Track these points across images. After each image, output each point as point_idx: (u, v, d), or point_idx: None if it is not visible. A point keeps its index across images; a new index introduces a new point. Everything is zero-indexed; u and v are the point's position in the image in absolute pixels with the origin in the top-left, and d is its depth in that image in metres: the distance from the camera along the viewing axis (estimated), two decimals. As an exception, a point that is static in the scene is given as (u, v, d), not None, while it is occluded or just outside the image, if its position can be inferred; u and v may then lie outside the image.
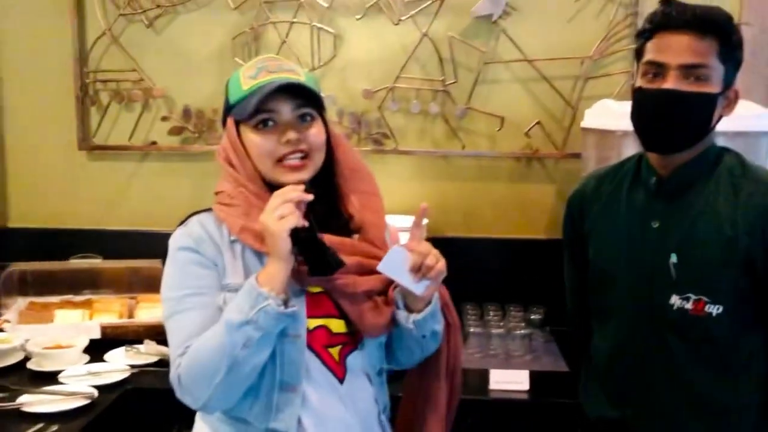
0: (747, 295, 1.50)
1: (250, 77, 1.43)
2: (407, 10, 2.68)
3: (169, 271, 1.46)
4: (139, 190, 2.87)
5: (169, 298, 1.44)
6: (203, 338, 1.36)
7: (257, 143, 1.42)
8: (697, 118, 1.49)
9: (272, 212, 1.34)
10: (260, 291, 1.33)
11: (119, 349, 2.35)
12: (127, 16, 2.77)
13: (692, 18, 1.46)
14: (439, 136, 2.77)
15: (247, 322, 1.32)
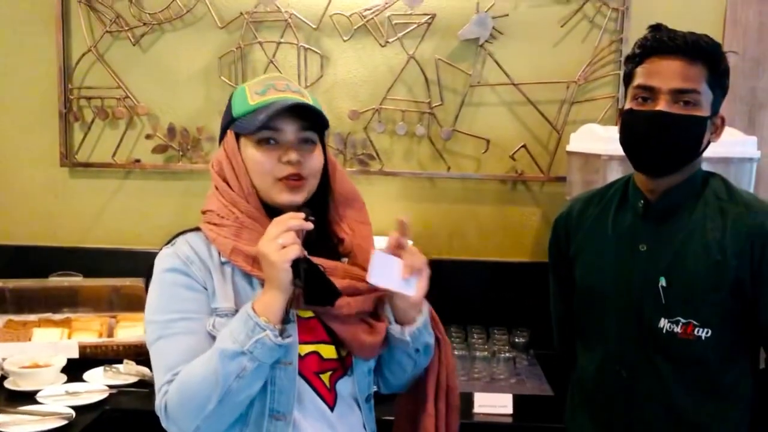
0: (736, 318, 1.51)
1: (257, 93, 1.42)
2: (394, 32, 2.69)
3: (154, 293, 1.40)
4: (121, 208, 2.84)
5: (155, 321, 1.38)
6: (193, 366, 1.31)
7: (258, 159, 1.40)
8: (687, 141, 1.51)
9: (272, 241, 1.30)
10: (257, 321, 1.29)
11: (98, 369, 2.31)
12: (113, 33, 2.76)
13: (683, 44, 1.48)
14: (425, 157, 2.77)
15: (243, 353, 1.28)
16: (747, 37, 2.69)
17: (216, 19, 2.71)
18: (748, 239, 1.48)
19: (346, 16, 2.69)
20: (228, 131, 1.44)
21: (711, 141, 1.55)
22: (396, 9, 2.68)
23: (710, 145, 1.58)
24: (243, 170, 1.42)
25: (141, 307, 2.52)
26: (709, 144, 1.55)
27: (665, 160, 1.52)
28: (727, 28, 2.67)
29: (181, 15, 2.73)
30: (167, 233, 2.70)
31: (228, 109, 1.46)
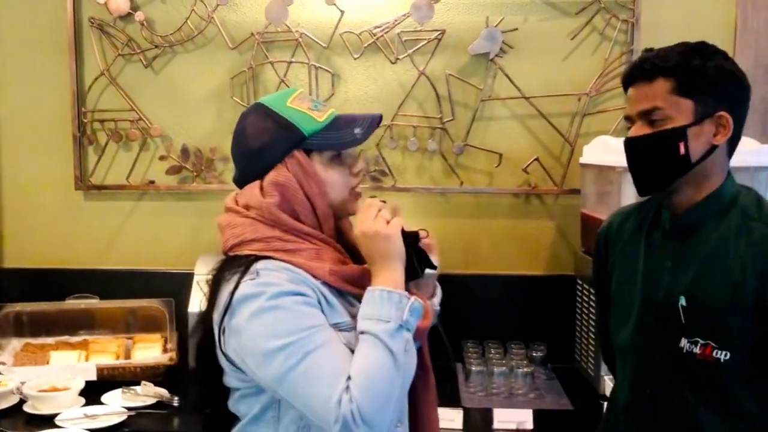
0: (756, 342, 1.46)
1: (311, 109, 1.45)
2: (405, 48, 2.70)
3: (274, 319, 1.31)
4: (136, 230, 2.85)
5: (291, 343, 1.29)
6: (361, 363, 1.29)
7: (339, 174, 1.45)
8: (658, 157, 1.50)
9: (376, 219, 1.38)
10: (399, 293, 1.34)
11: (116, 391, 2.31)
12: (125, 57, 2.78)
13: (640, 70, 1.52)
14: (437, 173, 2.77)
15: (401, 326, 1.32)
16: (758, 45, 2.68)
17: (227, 39, 2.73)
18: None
19: (356, 34, 2.70)
20: (296, 152, 1.41)
21: (715, 143, 1.50)
22: (406, 26, 2.69)
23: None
24: (323, 189, 1.43)
25: (157, 328, 2.61)
26: (713, 148, 1.50)
27: (648, 180, 1.54)
28: (738, 36, 2.66)
29: (193, 37, 2.75)
30: (182, 254, 2.78)
31: (287, 129, 1.41)
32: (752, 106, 2.62)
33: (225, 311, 1.34)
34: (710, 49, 1.52)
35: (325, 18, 2.71)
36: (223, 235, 1.45)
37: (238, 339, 1.33)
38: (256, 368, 1.32)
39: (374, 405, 1.27)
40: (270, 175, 1.42)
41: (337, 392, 1.27)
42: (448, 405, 2.19)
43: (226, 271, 1.38)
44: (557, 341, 2.62)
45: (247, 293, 1.33)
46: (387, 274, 1.36)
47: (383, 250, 1.36)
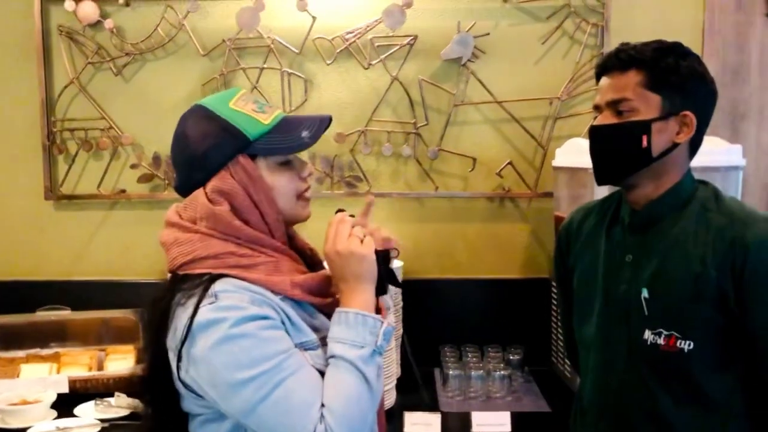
0: (719, 331, 1.49)
1: (255, 111, 1.36)
2: (377, 54, 2.70)
3: (239, 348, 1.23)
4: (108, 240, 2.82)
5: (262, 372, 1.22)
6: (335, 390, 1.26)
7: (287, 179, 1.37)
8: (621, 147, 1.53)
9: (351, 237, 1.33)
10: (373, 317, 1.32)
11: (89, 403, 2.27)
12: (95, 65, 2.75)
13: (615, 59, 1.54)
14: (412, 178, 2.77)
15: (375, 350, 1.30)
16: (725, 48, 2.72)
17: (198, 46, 2.71)
18: (730, 252, 1.46)
19: (328, 39, 2.69)
20: (240, 157, 1.33)
21: (678, 141, 1.53)
22: (378, 31, 2.69)
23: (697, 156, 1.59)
24: (270, 195, 1.35)
25: (131, 339, 2.57)
26: (675, 146, 1.52)
27: (608, 169, 1.57)
28: (706, 39, 2.70)
29: (163, 44, 2.72)
30: (155, 263, 2.74)
31: (229, 133, 1.33)
32: (721, 108, 2.71)
33: (184, 339, 1.25)
34: (685, 50, 1.55)
35: (297, 24, 2.70)
36: (169, 254, 1.34)
37: (199, 369, 1.25)
38: (220, 400, 1.25)
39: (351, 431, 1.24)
40: (213, 182, 1.33)
41: (312, 422, 1.22)
42: (426, 410, 2.19)
43: (179, 293, 1.29)
44: (534, 344, 2.62)
45: (208, 319, 1.24)
46: (360, 296, 1.32)
47: (357, 271, 1.32)
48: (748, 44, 2.72)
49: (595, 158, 1.58)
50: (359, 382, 1.27)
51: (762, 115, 2.74)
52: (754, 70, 2.73)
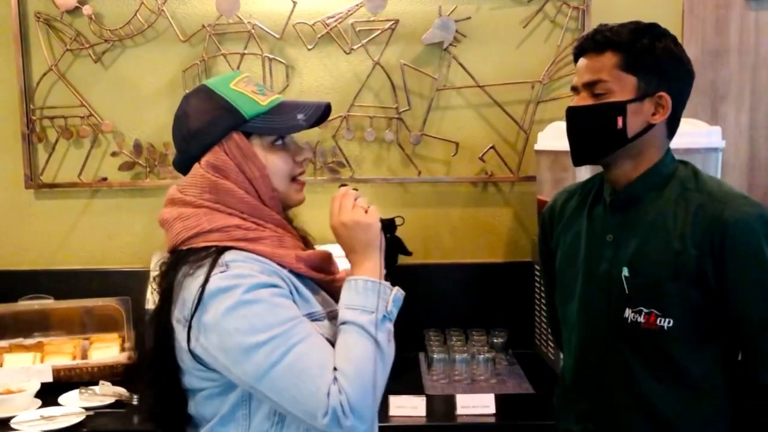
0: (698, 309, 1.51)
1: (255, 92, 1.40)
2: (359, 39, 2.69)
3: (252, 312, 1.25)
4: (90, 228, 2.80)
5: (274, 337, 1.24)
6: (346, 353, 1.28)
7: (281, 160, 1.40)
8: (597, 128, 1.54)
9: (355, 208, 1.37)
10: (382, 284, 1.34)
11: (73, 392, 2.27)
12: (74, 51, 2.72)
13: (591, 41, 1.55)
14: (395, 163, 2.77)
15: (386, 316, 1.32)
16: (705, 31, 2.73)
17: (178, 32, 2.69)
18: (708, 229, 1.48)
19: (309, 24, 2.68)
20: (234, 134, 1.36)
21: (653, 122, 1.54)
22: (359, 16, 2.68)
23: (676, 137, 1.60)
24: (264, 173, 1.37)
25: (114, 327, 2.56)
26: (650, 126, 1.54)
27: (583, 150, 1.59)
28: (686, 22, 2.72)
29: (143, 30, 2.70)
30: (137, 251, 2.74)
31: (227, 111, 1.36)
32: (702, 90, 2.73)
33: (195, 307, 1.27)
34: (661, 30, 1.56)
35: (277, 9, 2.68)
36: (171, 230, 1.36)
37: (210, 336, 1.26)
38: (231, 365, 1.26)
39: (363, 396, 1.25)
40: (206, 156, 1.36)
41: (326, 384, 1.24)
42: (411, 393, 2.20)
43: (186, 266, 1.31)
44: (517, 327, 2.64)
45: (219, 287, 1.26)
46: (368, 263, 1.36)
47: (364, 240, 1.36)
48: (728, 27, 2.74)
49: (571, 139, 1.60)
50: (370, 346, 1.29)
51: (741, 97, 2.76)
52: (733, 53, 2.75)
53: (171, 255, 1.37)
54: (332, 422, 1.23)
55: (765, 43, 2.73)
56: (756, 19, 2.72)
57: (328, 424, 1.23)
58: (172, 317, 1.33)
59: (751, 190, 2.74)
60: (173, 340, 1.33)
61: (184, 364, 1.34)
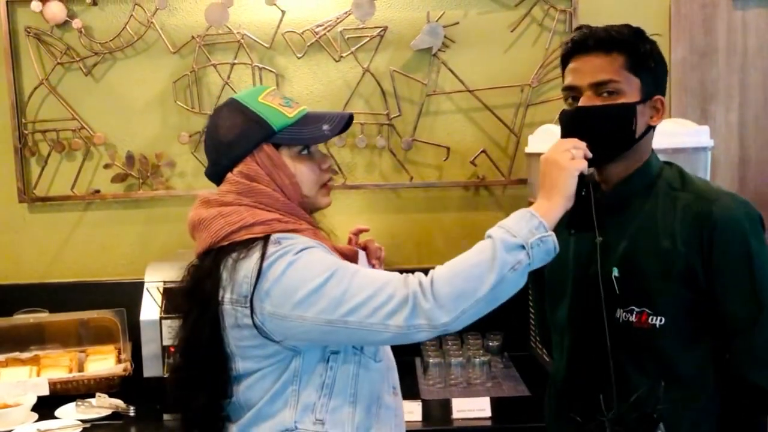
0: (689, 306, 1.52)
1: (282, 105, 1.47)
2: (348, 46, 2.70)
3: (306, 263, 1.35)
4: (84, 240, 2.81)
5: (334, 272, 1.33)
6: (463, 256, 1.33)
7: (308, 169, 1.48)
8: (614, 128, 1.52)
9: (565, 151, 1.39)
10: (541, 221, 1.34)
11: (70, 405, 2.27)
12: (65, 65, 2.73)
13: (595, 39, 1.52)
14: (387, 169, 2.78)
15: (522, 246, 1.31)
16: (693, 32, 2.75)
17: (168, 44, 2.70)
18: (697, 227, 1.50)
19: (298, 33, 2.69)
20: (264, 145, 1.44)
21: (652, 125, 1.56)
22: (348, 23, 2.69)
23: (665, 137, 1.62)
24: (294, 180, 1.45)
25: (110, 339, 2.56)
26: (650, 129, 1.56)
27: (598, 151, 1.52)
28: (673, 23, 2.73)
29: (132, 42, 2.71)
30: (132, 262, 2.74)
31: (257, 124, 1.44)
32: (691, 90, 2.75)
33: (256, 280, 1.34)
34: (648, 34, 1.57)
35: (266, 18, 2.70)
36: (208, 229, 1.42)
37: (274, 298, 1.34)
38: (304, 312, 1.32)
39: (452, 289, 1.29)
40: (239, 167, 1.44)
41: (399, 276, 1.32)
42: (407, 398, 2.20)
43: (236, 253, 1.38)
44: (513, 330, 2.64)
45: (275, 255, 1.35)
46: (545, 202, 1.38)
47: (553, 180, 1.38)
48: (715, 27, 2.75)
49: (582, 139, 1.50)
50: (488, 257, 1.31)
51: (730, 97, 2.77)
52: (721, 52, 2.76)
53: (208, 253, 1.42)
54: (412, 312, 1.29)
55: (752, 41, 2.75)
56: (742, 19, 2.74)
57: (407, 316, 1.29)
58: (222, 306, 1.38)
59: (741, 188, 2.76)
60: (221, 331, 1.39)
61: (240, 349, 1.40)
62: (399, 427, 1.54)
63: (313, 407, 1.40)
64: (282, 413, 1.40)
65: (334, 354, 1.42)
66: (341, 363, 1.42)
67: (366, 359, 1.45)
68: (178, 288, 1.49)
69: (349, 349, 1.43)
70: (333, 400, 1.41)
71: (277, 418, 1.41)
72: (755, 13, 2.74)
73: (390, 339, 1.32)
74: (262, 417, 1.42)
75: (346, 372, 1.42)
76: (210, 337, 1.41)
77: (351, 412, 1.42)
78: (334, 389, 1.41)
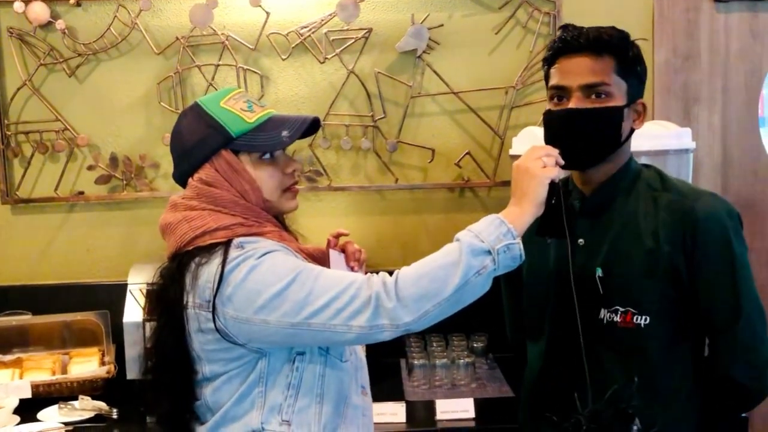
0: (673, 305, 1.54)
1: (244, 110, 1.46)
2: (333, 48, 2.70)
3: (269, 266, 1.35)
4: (67, 242, 2.79)
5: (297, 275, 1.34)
6: (430, 257, 1.35)
7: (269, 174, 1.46)
8: (603, 131, 1.53)
9: (537, 159, 1.40)
10: (510, 228, 1.34)
11: (53, 407, 2.26)
12: (48, 66, 2.72)
13: (587, 40, 1.52)
14: (372, 170, 2.78)
15: (488, 252, 1.32)
16: (676, 35, 2.76)
17: (152, 45, 2.69)
18: (680, 225, 1.52)
19: (283, 35, 2.69)
20: (223, 151, 1.44)
21: (635, 128, 1.59)
22: (332, 25, 2.69)
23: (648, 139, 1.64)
24: (254, 186, 1.45)
25: (94, 341, 2.55)
26: (632, 132, 1.58)
27: (586, 153, 1.54)
28: (656, 26, 2.75)
29: (116, 44, 2.70)
30: (116, 264, 2.73)
31: (215, 130, 1.44)
32: (674, 92, 2.77)
33: (218, 284, 1.35)
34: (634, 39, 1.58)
35: (251, 20, 2.69)
36: (174, 234, 1.43)
37: (237, 303, 1.34)
38: (268, 315, 1.33)
39: (416, 288, 1.31)
40: (199, 173, 1.45)
41: (363, 277, 1.34)
42: (391, 399, 2.21)
43: (198, 257, 1.39)
44: (498, 331, 2.62)
45: (237, 260, 1.35)
46: (515, 208, 1.40)
47: (523, 187, 1.40)
48: (698, 30, 2.77)
49: (571, 142, 1.51)
50: (454, 260, 1.32)
51: (713, 99, 2.79)
52: (704, 55, 2.78)
53: (175, 257, 1.44)
54: (375, 312, 1.30)
55: (734, 44, 2.77)
56: (725, 22, 2.76)
57: (370, 316, 1.30)
58: (186, 311, 1.39)
59: (724, 190, 2.78)
60: (186, 335, 1.40)
61: (205, 352, 1.41)
62: (367, 427, 1.54)
63: (280, 408, 1.40)
64: (249, 415, 1.41)
65: (300, 355, 1.42)
66: (307, 363, 1.42)
67: (332, 359, 1.45)
68: (149, 291, 1.50)
69: (315, 350, 1.43)
70: (299, 400, 1.41)
71: (244, 419, 1.41)
72: (737, 17, 2.77)
73: (353, 339, 1.34)
74: (229, 419, 1.42)
75: (313, 372, 1.43)
76: (175, 341, 1.42)
77: (317, 412, 1.42)
78: (301, 390, 1.42)
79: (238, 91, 1.52)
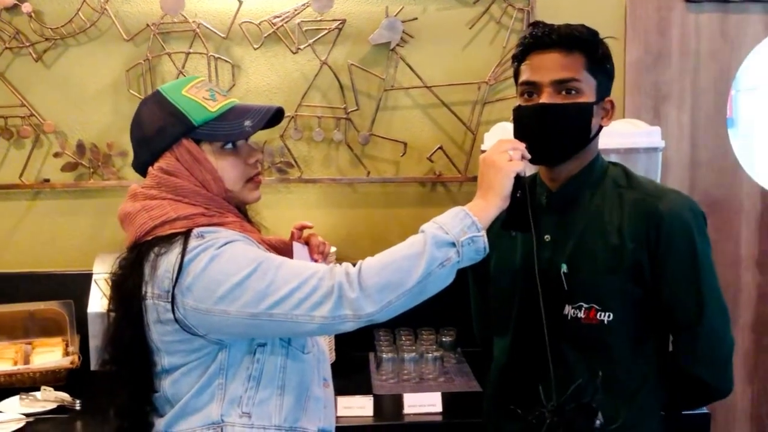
0: (637, 302, 1.55)
1: (206, 99, 1.44)
2: (305, 38, 2.68)
3: (229, 256, 1.33)
4: (32, 230, 2.74)
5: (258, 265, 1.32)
6: (394, 248, 1.35)
7: (231, 164, 1.44)
8: (573, 127, 1.54)
9: (503, 152, 1.40)
10: (474, 220, 1.34)
11: (14, 398, 2.22)
12: (14, 50, 2.66)
13: (558, 37, 1.53)
14: (344, 163, 2.77)
15: (453, 244, 1.32)
16: (648, 33, 2.78)
17: (121, 31, 2.65)
18: (644, 222, 1.53)
19: (255, 24, 2.66)
20: (184, 140, 1.42)
21: (603, 125, 1.60)
22: (306, 15, 2.67)
23: (618, 137, 1.65)
24: (216, 176, 1.43)
25: (58, 331, 2.51)
26: (601, 129, 1.59)
27: (556, 149, 1.55)
28: (629, 24, 2.76)
29: (85, 29, 2.65)
30: (81, 254, 2.69)
31: (176, 118, 1.42)
32: (645, 90, 2.79)
33: (177, 275, 1.33)
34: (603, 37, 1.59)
35: (223, 8, 2.66)
36: (133, 223, 1.41)
37: (196, 293, 1.32)
38: (228, 306, 1.31)
39: (379, 278, 1.30)
40: (159, 162, 1.44)
41: (326, 267, 1.32)
42: (359, 393, 2.20)
43: (157, 248, 1.37)
44: (466, 325, 2.63)
45: (197, 250, 1.33)
46: (480, 201, 1.40)
47: (489, 180, 1.40)
48: (670, 29, 2.79)
49: (542, 137, 1.51)
50: (418, 251, 1.32)
51: (682, 98, 2.82)
52: (675, 54, 2.80)
53: (134, 248, 1.41)
54: (337, 303, 1.29)
55: (705, 44, 2.80)
56: (696, 21, 2.79)
57: (332, 307, 1.29)
58: (144, 301, 1.37)
59: (691, 189, 2.81)
60: (144, 326, 1.38)
61: (164, 344, 1.39)
62: (328, 419, 1.54)
63: (240, 400, 1.39)
64: (209, 407, 1.40)
65: (261, 346, 1.41)
66: (268, 355, 1.41)
67: (294, 351, 1.44)
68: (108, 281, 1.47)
69: (276, 341, 1.42)
70: (260, 392, 1.41)
71: (203, 411, 1.40)
72: (708, 17, 2.79)
73: (316, 330, 1.32)
74: (188, 411, 1.41)
75: (274, 364, 1.42)
76: (134, 332, 1.40)
77: (278, 404, 1.42)
78: (261, 382, 1.41)
79: (200, 79, 1.49)
